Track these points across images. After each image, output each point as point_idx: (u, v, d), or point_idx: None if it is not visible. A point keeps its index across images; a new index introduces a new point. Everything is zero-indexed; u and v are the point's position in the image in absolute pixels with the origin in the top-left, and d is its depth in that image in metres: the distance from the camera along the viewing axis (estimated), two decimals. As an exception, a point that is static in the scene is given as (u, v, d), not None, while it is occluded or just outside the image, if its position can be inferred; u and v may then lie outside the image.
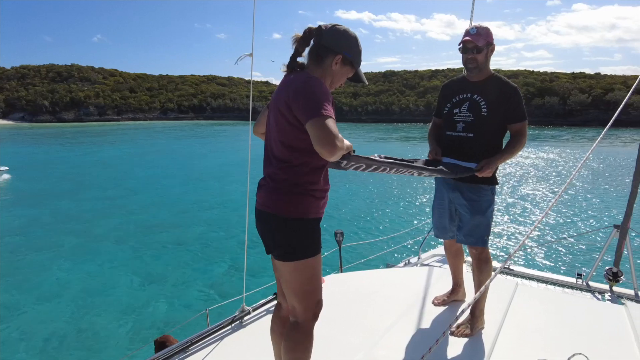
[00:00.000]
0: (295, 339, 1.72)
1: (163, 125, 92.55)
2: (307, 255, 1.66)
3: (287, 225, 1.63)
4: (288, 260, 1.66)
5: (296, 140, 1.60)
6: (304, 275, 1.68)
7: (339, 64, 1.69)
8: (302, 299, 1.71)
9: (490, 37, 2.39)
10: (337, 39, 1.67)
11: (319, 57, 1.68)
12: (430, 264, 3.96)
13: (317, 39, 1.68)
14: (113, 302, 7.86)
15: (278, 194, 1.64)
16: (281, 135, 1.63)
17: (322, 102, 1.50)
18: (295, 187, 1.63)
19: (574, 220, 12.94)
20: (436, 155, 2.52)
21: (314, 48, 1.69)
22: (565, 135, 56.15)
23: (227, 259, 10.07)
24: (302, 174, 1.63)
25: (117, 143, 46.13)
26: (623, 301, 3.21)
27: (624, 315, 2.80)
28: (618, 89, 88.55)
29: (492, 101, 2.39)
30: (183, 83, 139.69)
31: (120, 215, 14.39)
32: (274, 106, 1.69)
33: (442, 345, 2.35)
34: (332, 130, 1.46)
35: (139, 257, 10.31)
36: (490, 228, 2.52)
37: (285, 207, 1.63)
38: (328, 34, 1.66)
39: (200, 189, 19.43)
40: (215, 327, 2.57)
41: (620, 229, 3.40)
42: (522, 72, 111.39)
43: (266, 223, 1.70)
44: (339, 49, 1.67)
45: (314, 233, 1.68)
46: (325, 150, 1.47)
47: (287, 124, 1.60)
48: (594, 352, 2.24)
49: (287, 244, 1.65)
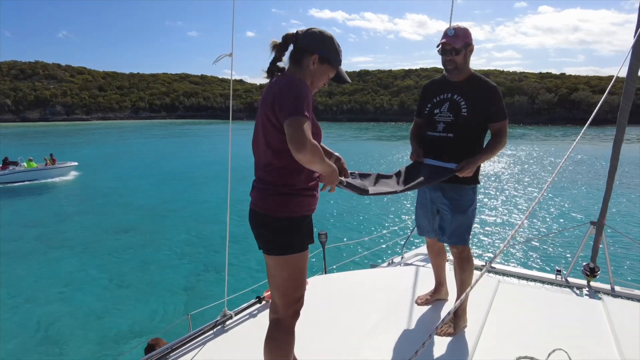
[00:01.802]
0: (276, 337, 1.77)
1: (134, 124, 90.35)
2: (292, 251, 1.72)
3: (275, 223, 1.70)
4: (274, 255, 1.73)
5: (280, 142, 1.64)
6: (287, 270, 1.74)
7: (316, 63, 1.75)
8: (284, 295, 1.76)
9: (469, 37, 2.39)
10: (312, 39, 1.74)
11: (297, 59, 1.75)
12: (413, 263, 3.98)
13: (294, 43, 1.75)
14: (83, 310, 7.56)
15: (266, 195, 1.71)
16: (267, 138, 1.69)
17: (299, 102, 1.55)
18: (282, 188, 1.69)
19: (551, 217, 13.26)
20: (418, 157, 2.51)
21: (292, 52, 1.76)
22: (535, 133, 57.93)
23: (205, 262, 9.89)
24: (286, 175, 1.69)
25: (85, 144, 44.73)
26: (600, 295, 3.31)
27: (600, 309, 2.87)
28: (582, 89, 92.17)
29: (472, 101, 2.39)
30: (155, 81, 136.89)
31: (89, 219, 13.93)
32: (260, 111, 1.73)
33: (427, 344, 2.36)
34: (304, 131, 1.50)
35: (111, 262, 9.97)
36: (472, 227, 2.53)
37: (273, 206, 1.70)
38: (303, 36, 1.74)
39: (173, 189, 19.06)
40: (196, 333, 2.50)
41: (597, 225, 3.50)
42: (492, 72, 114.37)
43: (257, 221, 1.77)
44: (315, 48, 1.73)
45: (301, 230, 1.73)
46: (294, 149, 1.51)
47: (271, 127, 1.65)
48: (573, 346, 2.29)
49: (273, 240, 1.72)
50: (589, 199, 15.78)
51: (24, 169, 20.70)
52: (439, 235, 2.60)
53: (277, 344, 1.76)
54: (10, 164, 20.79)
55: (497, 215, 13.78)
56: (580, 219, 12.48)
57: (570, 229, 10.13)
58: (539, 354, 2.22)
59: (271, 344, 1.76)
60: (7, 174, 20.11)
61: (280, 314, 1.77)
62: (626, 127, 3.05)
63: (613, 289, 3.39)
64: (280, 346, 1.76)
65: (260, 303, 2.90)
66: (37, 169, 21.01)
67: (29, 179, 20.49)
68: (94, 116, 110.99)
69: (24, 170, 20.66)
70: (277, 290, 1.77)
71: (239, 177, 4.20)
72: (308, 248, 1.79)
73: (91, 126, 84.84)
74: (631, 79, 2.86)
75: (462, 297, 1.59)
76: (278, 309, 1.78)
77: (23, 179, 20.37)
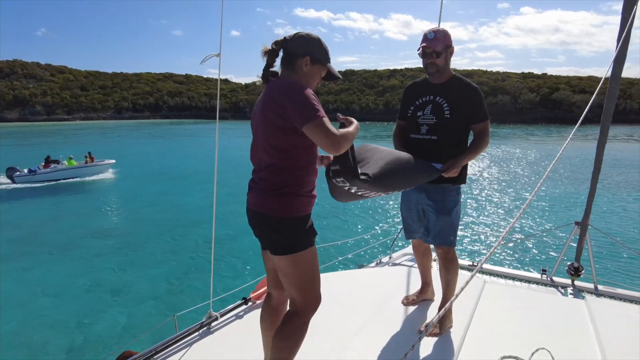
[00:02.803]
0: (290, 327, 1.80)
1: (117, 124, 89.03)
2: (301, 249, 1.77)
3: (281, 224, 1.74)
4: (284, 254, 1.76)
5: (284, 142, 1.70)
6: (301, 267, 1.79)
7: (308, 64, 1.81)
8: (302, 291, 1.81)
9: (449, 39, 2.40)
10: (302, 43, 1.80)
11: (289, 63, 1.81)
12: (401, 263, 3.99)
13: (284, 48, 1.81)
14: (64, 314, 7.38)
15: (269, 196, 1.75)
16: (270, 140, 1.72)
17: (312, 103, 1.63)
18: (285, 189, 1.74)
19: (537, 218, 13.41)
20: None
21: (284, 57, 1.83)
22: (518, 133, 58.92)
23: (189, 264, 9.76)
24: (289, 175, 1.74)
25: (66, 144, 43.87)
26: (584, 294, 3.36)
27: (584, 309, 2.92)
28: (563, 89, 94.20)
29: (454, 103, 2.41)
30: (138, 81, 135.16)
31: (68, 221, 13.62)
32: (259, 114, 1.77)
33: (415, 346, 2.36)
34: (330, 130, 1.62)
35: (92, 265, 9.75)
36: (457, 228, 2.54)
37: (277, 207, 1.74)
38: (292, 41, 1.81)
39: (156, 190, 18.81)
40: (182, 334, 2.46)
41: (581, 225, 3.55)
42: (476, 72, 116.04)
43: (260, 222, 1.80)
44: (305, 51, 1.80)
45: (305, 228, 1.79)
46: (329, 150, 1.64)
47: (275, 128, 1.69)
48: (556, 345, 2.32)
49: (282, 240, 1.76)
50: (573, 199, 16.05)
51: (65, 167, 21.20)
52: (424, 236, 2.60)
53: (290, 333, 1.80)
54: (52, 162, 21.20)
55: (482, 215, 13.94)
56: (565, 219, 12.69)
57: (555, 229, 10.29)
58: (523, 353, 2.24)
59: (284, 332, 1.80)
60: (50, 172, 20.59)
61: (298, 308, 1.83)
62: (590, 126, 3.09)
63: (596, 288, 3.44)
64: (292, 335, 1.80)
65: (247, 304, 2.88)
66: (77, 166, 21.57)
67: (69, 176, 21.06)
68: (75, 116, 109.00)
69: (65, 168, 21.15)
70: (293, 287, 1.81)
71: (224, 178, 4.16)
72: (314, 244, 1.85)
73: (73, 126, 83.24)
74: (614, 81, 2.91)
75: (451, 299, 1.58)
76: (296, 303, 1.83)
77: (64, 176, 20.93)
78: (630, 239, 11.07)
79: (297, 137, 1.69)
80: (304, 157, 1.75)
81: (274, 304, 2.02)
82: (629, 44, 2.84)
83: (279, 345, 1.78)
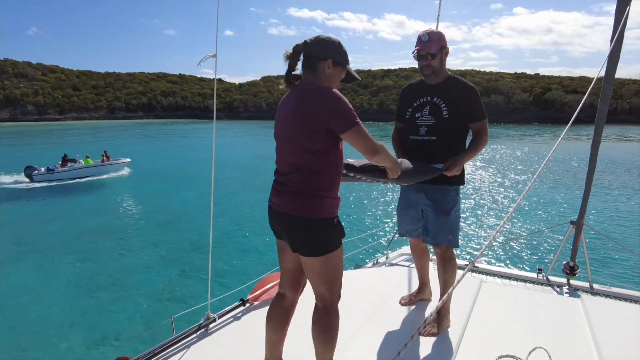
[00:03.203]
0: (326, 322, 1.89)
1: (110, 124, 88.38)
2: (333, 249, 1.84)
3: (313, 225, 1.79)
4: (317, 256, 1.82)
5: (318, 146, 1.76)
6: (331, 265, 1.86)
7: (330, 67, 1.86)
8: (330, 286, 1.89)
9: (443, 40, 2.42)
10: (322, 46, 1.85)
11: (311, 66, 1.85)
12: (398, 263, 4.00)
13: (306, 52, 1.85)
14: (55, 316, 7.32)
15: (302, 198, 1.79)
16: (304, 144, 1.77)
17: (350, 109, 1.73)
18: (317, 191, 1.79)
19: (533, 217, 13.48)
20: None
21: (305, 60, 1.86)
22: (512, 132, 59.25)
23: (186, 265, 9.70)
24: (320, 179, 1.80)
25: (59, 145, 43.49)
26: (579, 293, 3.40)
27: (579, 307, 2.95)
28: (555, 89, 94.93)
29: (452, 103, 2.42)
30: (131, 81, 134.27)
31: (61, 221, 13.52)
32: (290, 118, 1.80)
33: (409, 345, 2.38)
34: (369, 137, 1.75)
35: (84, 266, 9.68)
36: (456, 228, 2.55)
37: (309, 209, 1.79)
38: (313, 44, 1.85)
39: (151, 190, 18.74)
40: (179, 336, 2.45)
41: (576, 224, 3.58)
42: (469, 72, 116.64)
43: (291, 225, 1.83)
44: (327, 54, 1.84)
45: (336, 228, 1.86)
46: (368, 155, 1.78)
47: (310, 133, 1.75)
48: (553, 345, 2.34)
49: (314, 241, 1.81)
50: (568, 199, 16.15)
51: (82, 166, 21.42)
52: (423, 236, 2.61)
53: (328, 325, 1.89)
54: (69, 161, 21.46)
55: (479, 215, 14.00)
56: (561, 219, 12.77)
57: (551, 229, 10.36)
58: (520, 352, 2.25)
59: (322, 326, 1.89)
60: (66, 170, 20.82)
61: (327, 302, 1.89)
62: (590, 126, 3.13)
63: (592, 287, 3.47)
64: (332, 327, 1.90)
65: (245, 306, 2.87)
66: (93, 165, 21.77)
67: (86, 175, 21.28)
68: (68, 116, 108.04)
69: (81, 167, 21.40)
70: (323, 284, 1.87)
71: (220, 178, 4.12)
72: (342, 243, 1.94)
73: (65, 126, 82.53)
74: (608, 81, 2.93)
75: (444, 296, 1.60)
76: (325, 298, 1.89)
77: (81, 175, 21.18)
78: (624, 238, 11.19)
79: (330, 140, 1.76)
80: (335, 160, 1.82)
81: (287, 305, 2.05)
82: (622, 45, 2.87)
83: (324, 336, 1.89)
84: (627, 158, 29.40)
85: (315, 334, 1.90)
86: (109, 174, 21.92)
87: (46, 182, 19.93)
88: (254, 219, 13.43)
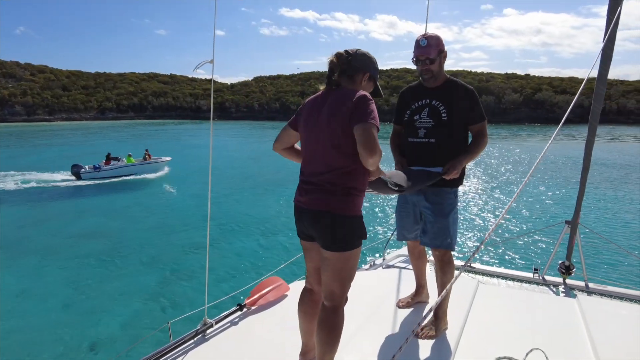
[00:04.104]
0: (333, 322, 1.96)
1: (100, 125, 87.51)
2: (357, 245, 1.95)
3: (346, 222, 1.90)
4: (346, 250, 1.91)
5: (350, 145, 1.85)
6: (352, 262, 1.96)
7: (366, 80, 2.04)
8: (344, 284, 1.97)
9: (441, 44, 2.42)
10: (364, 60, 2.02)
11: (351, 76, 2.00)
12: (395, 265, 4.00)
13: (348, 61, 1.99)
14: (48, 323, 7.18)
15: (338, 196, 1.89)
16: (342, 145, 1.87)
17: (374, 112, 1.81)
18: (350, 190, 1.90)
19: (529, 217, 13.55)
20: (403, 167, 2.54)
21: (346, 69, 2.00)
22: (503, 133, 59.64)
23: (181, 269, 9.56)
24: (354, 178, 1.90)
25: (48, 146, 42.98)
26: (575, 292, 3.42)
27: (575, 307, 2.97)
28: (545, 89, 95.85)
29: (451, 105, 2.43)
30: (122, 81, 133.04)
31: (49, 225, 13.28)
32: (326, 120, 1.91)
33: (407, 348, 2.37)
34: (376, 139, 1.77)
35: (73, 270, 9.49)
36: (455, 231, 2.55)
37: (343, 207, 1.89)
38: (356, 57, 2.01)
39: (138, 192, 18.56)
40: (176, 342, 2.41)
41: (571, 224, 3.61)
42: (461, 72, 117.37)
43: (324, 221, 1.91)
44: (366, 68, 2.02)
45: (363, 225, 1.97)
46: (366, 154, 1.76)
47: (341, 131, 1.85)
48: (550, 345, 2.35)
49: (345, 237, 1.90)
50: (563, 198, 16.28)
51: (125, 165, 21.91)
52: (421, 238, 2.61)
53: (335, 325, 1.95)
54: (113, 159, 21.99)
55: (475, 215, 14.06)
56: (556, 218, 12.87)
57: (546, 229, 10.43)
58: (517, 353, 2.26)
59: (329, 326, 1.95)
60: (110, 168, 21.32)
61: (336, 301, 1.96)
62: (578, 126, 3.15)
63: (587, 286, 3.50)
64: (338, 326, 1.96)
65: (242, 310, 2.84)
66: (136, 164, 22.25)
67: (129, 173, 21.84)
68: (57, 117, 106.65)
69: (125, 165, 21.89)
70: (339, 281, 1.95)
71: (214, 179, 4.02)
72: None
73: (54, 127, 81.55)
74: (601, 82, 2.95)
75: (438, 300, 1.60)
76: (335, 297, 1.96)
77: (124, 173, 21.70)
78: (619, 237, 11.31)
79: None
80: None
81: (316, 298, 2.16)
82: (614, 44, 2.88)
83: (329, 338, 1.94)
84: (618, 157, 29.79)
85: (320, 334, 1.95)
86: (151, 173, 22.41)
87: (93, 180, 20.52)
88: (249, 221, 13.37)
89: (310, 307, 2.17)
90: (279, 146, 2.18)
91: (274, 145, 2.19)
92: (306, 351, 2.21)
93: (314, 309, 2.14)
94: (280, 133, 2.16)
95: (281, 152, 2.20)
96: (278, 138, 2.17)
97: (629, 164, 26.57)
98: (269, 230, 12.32)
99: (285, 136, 2.15)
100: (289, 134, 2.13)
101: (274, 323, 2.69)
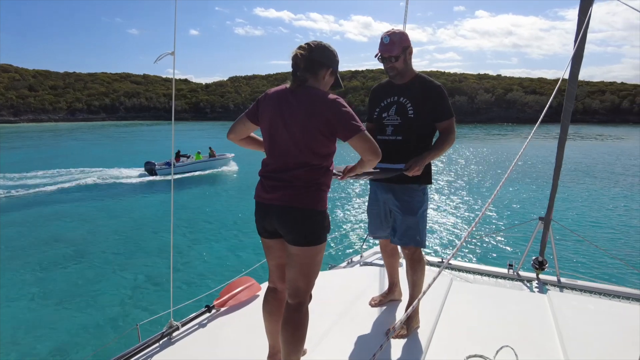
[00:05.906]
0: (299, 317, 1.94)
1: (71, 127, 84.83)
2: (322, 241, 1.96)
3: (312, 216, 1.91)
4: (312, 245, 1.92)
5: (324, 147, 1.91)
6: (318, 257, 1.97)
7: (328, 75, 2.02)
8: (310, 279, 1.97)
9: (405, 41, 2.39)
10: (326, 54, 1.99)
11: (314, 72, 1.97)
12: (372, 262, 3.99)
13: (310, 55, 1.95)
14: (9, 330, 6.89)
15: (303, 191, 1.90)
16: (313, 145, 1.89)
17: (354, 116, 1.87)
18: (316, 185, 1.93)
19: (503, 214, 13.86)
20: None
21: (308, 64, 1.96)
22: (477, 132, 60.97)
23: (146, 272, 9.34)
24: (321, 174, 1.94)
25: (12, 149, 41.38)
26: (547, 288, 3.48)
27: (546, 303, 3.01)
28: (516, 90, 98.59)
29: (418, 102, 2.41)
30: (93, 81, 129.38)
31: (11, 230, 12.79)
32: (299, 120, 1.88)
33: (378, 355, 2.35)
34: (373, 141, 1.89)
35: (39, 275, 9.19)
36: (424, 229, 2.54)
37: (314, 202, 1.91)
38: (317, 50, 1.97)
39: (106, 194, 18.08)
40: (139, 346, 2.32)
41: (544, 221, 3.66)
42: (435, 73, 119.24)
43: (291, 217, 1.91)
44: (329, 63, 2.00)
45: (328, 220, 2.00)
46: (374, 157, 1.90)
47: (320, 136, 1.88)
48: (520, 342, 2.36)
49: (311, 232, 1.91)
50: (537, 195, 16.72)
51: (193, 161, 23.04)
52: (391, 237, 2.60)
53: (301, 322, 1.94)
54: (182, 156, 23.16)
55: (450, 213, 14.26)
56: (530, 215, 13.20)
57: (520, 225, 10.68)
58: (488, 351, 2.25)
59: (295, 322, 1.93)
60: (181, 165, 22.27)
61: (301, 297, 1.96)
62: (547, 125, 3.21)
63: (559, 280, 3.57)
64: (303, 324, 1.95)
65: (210, 312, 2.77)
66: (204, 160, 23.49)
67: (199, 169, 23.00)
68: (23, 118, 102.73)
69: (195, 161, 23.06)
70: (305, 277, 1.95)
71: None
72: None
73: (21, 129, 78.55)
74: (573, 81, 3.00)
75: (414, 302, 1.57)
76: (300, 292, 1.96)
77: (195, 169, 22.82)
78: (590, 232, 11.71)
79: (334, 143, 1.95)
80: (332, 159, 2.00)
81: (281, 297, 2.14)
82: (585, 45, 2.93)
83: (294, 337, 1.92)
84: (587, 155, 30.86)
85: (285, 334, 1.93)
86: (218, 168, 23.83)
87: (166, 176, 21.46)
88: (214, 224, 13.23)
89: (275, 307, 2.14)
90: (234, 137, 2.14)
91: (229, 136, 2.14)
92: (274, 353, 2.17)
93: (279, 308, 2.12)
94: (235, 123, 2.11)
95: (238, 142, 2.16)
96: (233, 129, 2.11)
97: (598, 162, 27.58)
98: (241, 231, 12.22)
99: (243, 127, 2.10)
100: (246, 126, 2.09)
101: (244, 324, 2.64)
